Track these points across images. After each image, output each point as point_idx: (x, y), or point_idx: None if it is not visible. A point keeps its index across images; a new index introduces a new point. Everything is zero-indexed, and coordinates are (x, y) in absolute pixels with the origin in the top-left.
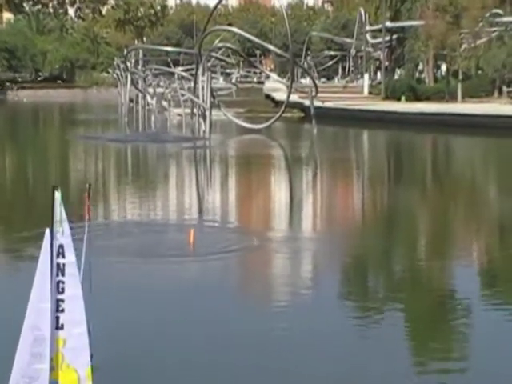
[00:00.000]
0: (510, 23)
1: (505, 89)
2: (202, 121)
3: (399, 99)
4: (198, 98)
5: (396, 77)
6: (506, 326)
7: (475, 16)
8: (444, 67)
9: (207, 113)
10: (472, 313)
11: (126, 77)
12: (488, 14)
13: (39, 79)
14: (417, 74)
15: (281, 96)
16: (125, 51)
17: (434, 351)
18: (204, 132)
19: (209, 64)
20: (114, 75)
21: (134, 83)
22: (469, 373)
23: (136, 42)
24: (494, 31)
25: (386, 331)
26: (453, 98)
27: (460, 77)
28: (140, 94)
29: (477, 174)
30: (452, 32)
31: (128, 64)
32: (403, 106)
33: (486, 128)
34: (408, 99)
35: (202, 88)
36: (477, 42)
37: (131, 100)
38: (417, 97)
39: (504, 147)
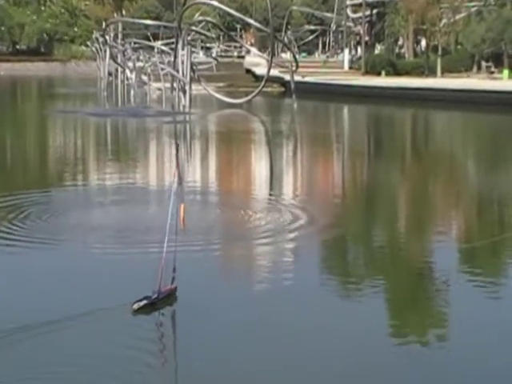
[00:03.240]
0: None
1: (484, 64)
2: (182, 95)
3: (379, 74)
4: (177, 72)
5: (376, 52)
6: (485, 297)
7: None
8: (424, 42)
9: (187, 87)
10: (451, 286)
11: (105, 51)
12: None
13: (17, 51)
14: (397, 49)
15: (261, 70)
16: (104, 24)
17: (414, 324)
18: (184, 106)
19: (189, 38)
20: (93, 49)
21: (113, 57)
22: (448, 344)
23: (115, 15)
24: (473, 6)
25: (366, 304)
26: (432, 72)
27: (439, 52)
28: (119, 68)
29: (455, 149)
30: (432, 7)
31: (107, 37)
32: (383, 81)
33: (465, 103)
34: (388, 74)
35: (182, 62)
36: (456, 17)
37: (110, 74)
38: (397, 72)
39: (482, 122)
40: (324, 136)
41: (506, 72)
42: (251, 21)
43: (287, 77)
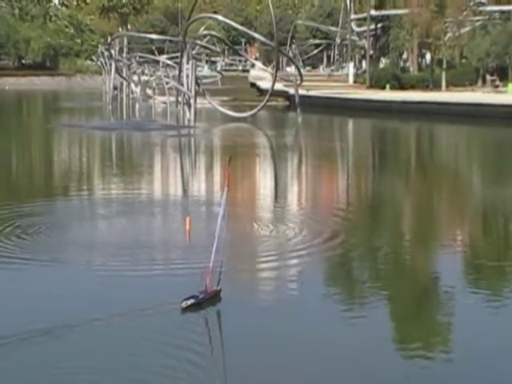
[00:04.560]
0: (493, 12)
1: (488, 77)
2: (186, 109)
3: (384, 88)
4: (182, 86)
5: (381, 65)
6: (489, 311)
7: (459, 5)
8: (428, 56)
9: (192, 101)
10: (455, 300)
11: (111, 64)
12: (472, 3)
13: (22, 66)
14: (401, 63)
15: (266, 84)
16: (109, 39)
17: (417, 337)
18: (189, 120)
19: (194, 52)
20: (99, 63)
21: (118, 71)
22: (452, 360)
23: (120, 29)
24: (478, 20)
25: (370, 316)
26: (437, 86)
27: (444, 65)
28: (124, 82)
29: (460, 162)
30: (436, 21)
31: (112, 52)
32: (388, 95)
33: (470, 117)
34: (392, 88)
35: (187, 76)
36: (461, 30)
37: (115, 88)
38: (401, 85)
39: (487, 136)
40: (329, 150)
41: (510, 86)
42: (256, 35)
43: (292, 91)
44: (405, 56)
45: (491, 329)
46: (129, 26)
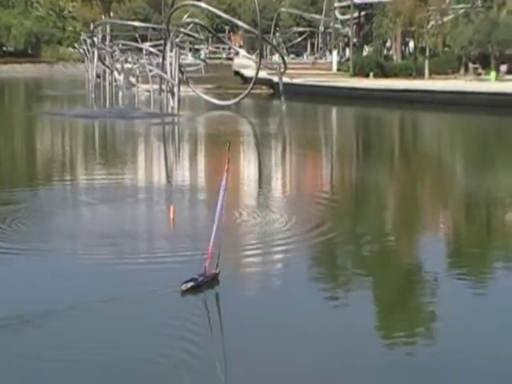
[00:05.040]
0: (476, 0)
1: (471, 65)
2: (170, 97)
3: (367, 76)
4: (166, 73)
5: (364, 53)
6: (472, 297)
7: None
8: (411, 44)
9: (175, 89)
10: (439, 286)
11: (93, 52)
12: None
13: (4, 53)
14: (385, 51)
15: (250, 72)
16: (92, 26)
17: (401, 324)
18: (172, 108)
19: (177, 40)
20: (81, 50)
21: (101, 59)
22: (436, 346)
23: (103, 16)
24: (461, 8)
25: (354, 306)
26: (420, 74)
27: (427, 53)
28: (107, 70)
29: (443, 150)
30: (419, 9)
31: (95, 39)
32: (371, 83)
33: (453, 104)
34: (376, 76)
35: (171, 64)
36: (444, 19)
37: (98, 76)
38: (385, 73)
39: (469, 123)
40: (313, 138)
41: (492, 74)
42: (240, 22)
43: (276, 78)
44: (388, 44)
45: (475, 315)
46: (111, 14)
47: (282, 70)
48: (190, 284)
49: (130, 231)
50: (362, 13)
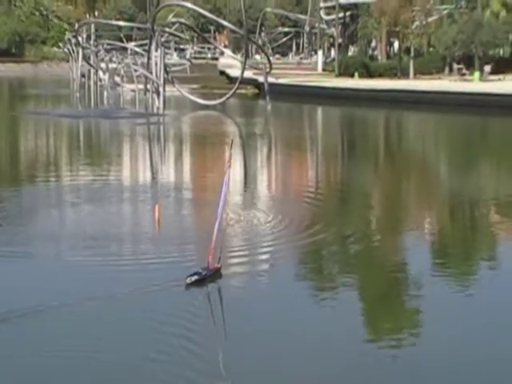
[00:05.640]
0: (460, 1)
1: (455, 66)
2: (155, 97)
3: (352, 76)
4: (151, 73)
5: (349, 54)
6: (458, 296)
7: None
8: (396, 44)
9: (161, 89)
10: (423, 285)
11: (78, 52)
12: None
13: None
14: (370, 51)
15: (235, 72)
16: (76, 25)
17: (388, 323)
18: (158, 108)
19: (162, 39)
20: (65, 50)
21: (85, 58)
22: (420, 346)
23: (88, 16)
24: (445, 9)
25: (338, 304)
26: (405, 74)
27: (412, 54)
28: (92, 70)
29: (427, 149)
30: (404, 9)
31: (79, 38)
32: (356, 83)
33: (437, 104)
34: (361, 76)
35: (156, 64)
36: (428, 19)
37: (83, 75)
38: (370, 73)
39: (453, 123)
40: (299, 138)
41: (476, 74)
42: (225, 22)
43: (261, 78)
44: (373, 44)
45: (461, 315)
46: (96, 13)
47: (268, 70)
48: (195, 277)
49: (115, 231)
50: (347, 13)
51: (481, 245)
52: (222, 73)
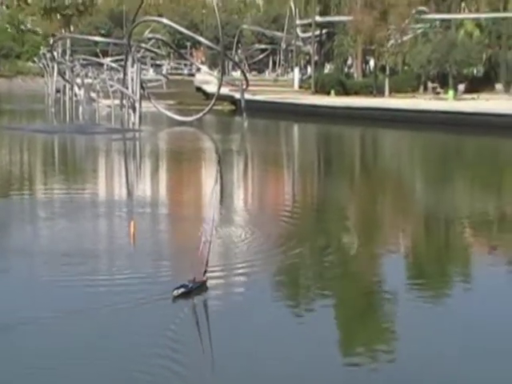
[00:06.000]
0: (434, 20)
1: (430, 84)
2: (131, 112)
3: (329, 93)
4: (127, 89)
5: (326, 71)
6: (431, 312)
7: (402, 13)
8: (372, 62)
9: (137, 104)
10: (399, 301)
11: (53, 67)
12: (414, 11)
13: None
14: (346, 69)
15: (212, 88)
16: (51, 40)
17: (363, 341)
18: (134, 124)
19: (138, 55)
20: (40, 65)
21: (60, 73)
22: (397, 361)
23: (63, 31)
24: (420, 28)
25: (316, 320)
26: (380, 92)
27: (387, 72)
28: (67, 85)
29: (401, 167)
30: (380, 28)
31: (55, 53)
32: (333, 100)
33: (412, 122)
34: (337, 93)
35: (132, 79)
36: (403, 38)
37: (58, 90)
38: (346, 91)
39: (428, 141)
40: (275, 154)
41: (451, 92)
42: (201, 39)
43: (237, 95)
44: (349, 62)
45: (434, 331)
46: (72, 28)
47: (244, 87)
48: (182, 290)
49: (89, 247)
50: (324, 31)
51: (454, 262)
52: (199, 89)
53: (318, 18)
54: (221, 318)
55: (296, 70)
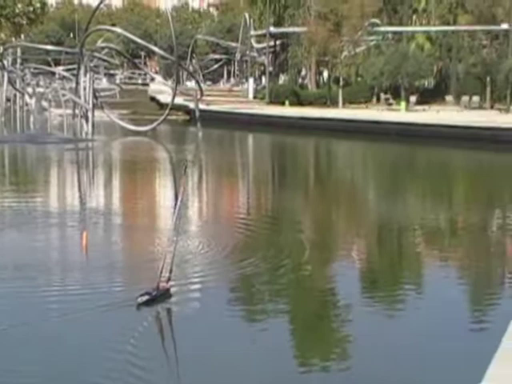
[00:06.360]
0: (386, 33)
1: (382, 96)
2: (84, 122)
3: (283, 104)
4: (79, 98)
5: (280, 82)
6: (384, 319)
7: (355, 24)
8: (326, 73)
9: (89, 114)
10: (352, 309)
11: (3, 76)
12: (367, 23)
13: None
14: (300, 80)
15: (166, 98)
16: (1, 49)
17: (317, 349)
18: (86, 133)
19: (91, 64)
20: None
21: (11, 82)
22: (349, 371)
23: (13, 39)
24: (372, 40)
25: (272, 327)
26: (334, 103)
27: (341, 83)
28: (18, 94)
29: (354, 177)
30: (333, 39)
31: (5, 62)
32: (287, 111)
33: (365, 133)
34: (292, 104)
35: (84, 88)
36: (356, 49)
37: (8, 99)
38: (300, 102)
39: (381, 152)
40: (229, 164)
41: (403, 104)
42: (155, 48)
43: (192, 105)
44: (303, 73)
45: (387, 337)
46: (22, 36)
47: (199, 97)
48: (146, 297)
49: (40, 259)
50: (278, 42)
51: (405, 270)
52: (153, 99)
53: (273, 29)
54: (183, 324)
55: (251, 80)
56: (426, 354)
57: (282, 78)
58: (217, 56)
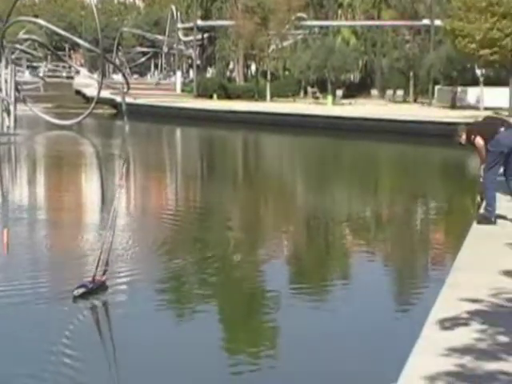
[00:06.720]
0: (313, 27)
1: (309, 89)
2: (5, 116)
3: (211, 97)
4: (0, 91)
5: (208, 75)
6: (313, 311)
7: (282, 18)
8: (254, 67)
9: (11, 107)
10: (282, 304)
11: None
12: (293, 18)
13: None
14: (228, 73)
15: (91, 92)
16: None
17: (246, 342)
18: (8, 127)
19: (13, 56)
20: None
21: None
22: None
23: None
24: (299, 34)
25: (199, 324)
26: (262, 97)
27: (268, 77)
28: None
29: (281, 170)
30: (260, 33)
31: None
32: (215, 104)
33: (293, 126)
34: (220, 97)
35: (6, 81)
36: (283, 43)
37: None
38: (228, 95)
39: (308, 145)
40: (157, 159)
41: (329, 98)
42: (80, 41)
43: (118, 98)
44: (231, 66)
45: (316, 329)
46: None
47: (125, 90)
48: (82, 290)
49: None
50: (205, 35)
51: (334, 264)
52: (78, 92)
53: (200, 22)
54: (118, 315)
55: (178, 73)
56: (355, 348)
57: (210, 72)
58: (144, 49)
